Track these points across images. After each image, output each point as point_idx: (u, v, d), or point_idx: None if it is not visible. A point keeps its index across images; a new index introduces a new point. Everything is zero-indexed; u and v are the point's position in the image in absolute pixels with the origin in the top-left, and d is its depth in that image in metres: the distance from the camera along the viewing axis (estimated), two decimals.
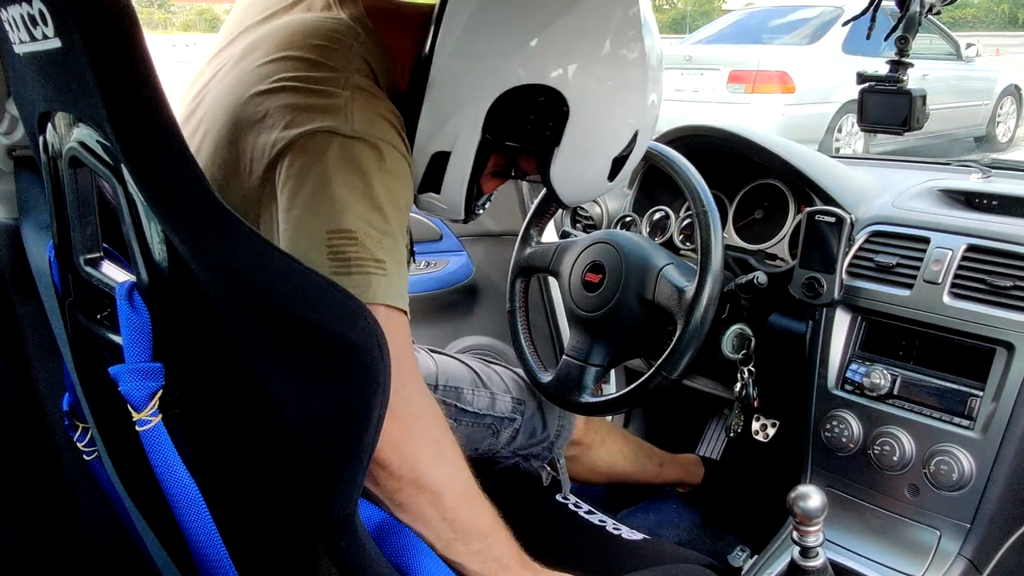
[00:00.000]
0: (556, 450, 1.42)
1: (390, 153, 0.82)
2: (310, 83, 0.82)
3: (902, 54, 1.21)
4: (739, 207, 1.66)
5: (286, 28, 0.89)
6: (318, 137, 0.78)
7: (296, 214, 0.76)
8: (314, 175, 0.77)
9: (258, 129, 0.80)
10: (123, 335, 0.65)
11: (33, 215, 0.97)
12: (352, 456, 0.67)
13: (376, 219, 0.78)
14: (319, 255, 0.74)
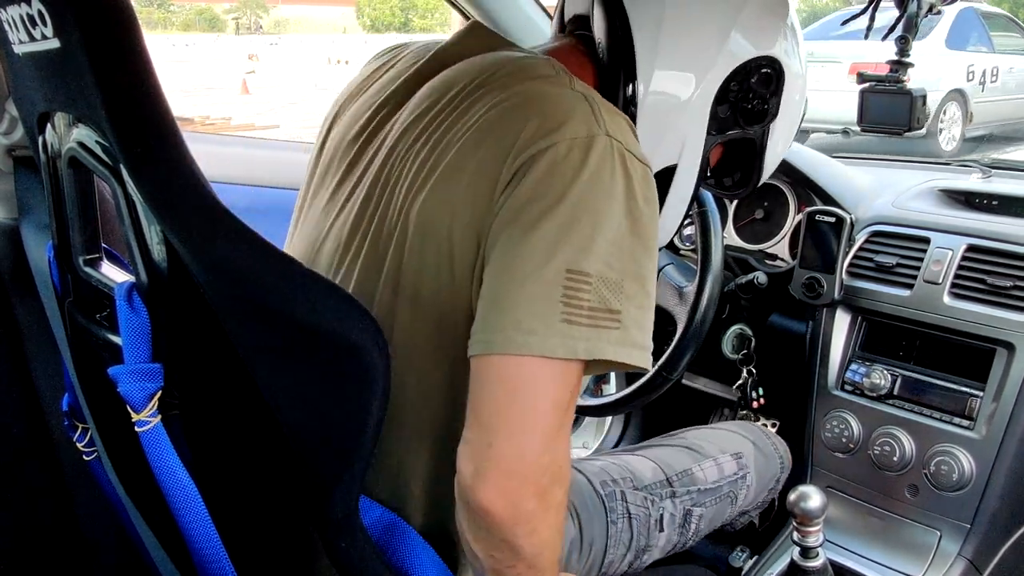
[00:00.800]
0: (782, 483, 1.27)
1: (644, 167, 0.71)
2: (536, 98, 0.71)
3: (902, 54, 1.21)
4: (739, 207, 1.66)
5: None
6: (578, 141, 0.67)
7: (540, 233, 0.64)
8: (571, 193, 0.65)
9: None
10: (122, 336, 0.65)
11: (33, 215, 0.98)
12: (351, 457, 0.67)
13: (629, 260, 0.67)
14: (551, 294, 0.63)
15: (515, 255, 0.65)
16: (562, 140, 0.66)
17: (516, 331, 0.63)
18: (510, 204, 0.66)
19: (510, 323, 0.63)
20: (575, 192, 0.65)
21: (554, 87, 0.73)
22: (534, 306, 0.63)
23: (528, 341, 0.62)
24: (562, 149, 0.66)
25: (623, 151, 0.68)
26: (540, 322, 0.63)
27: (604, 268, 0.65)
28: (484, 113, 0.71)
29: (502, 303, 0.64)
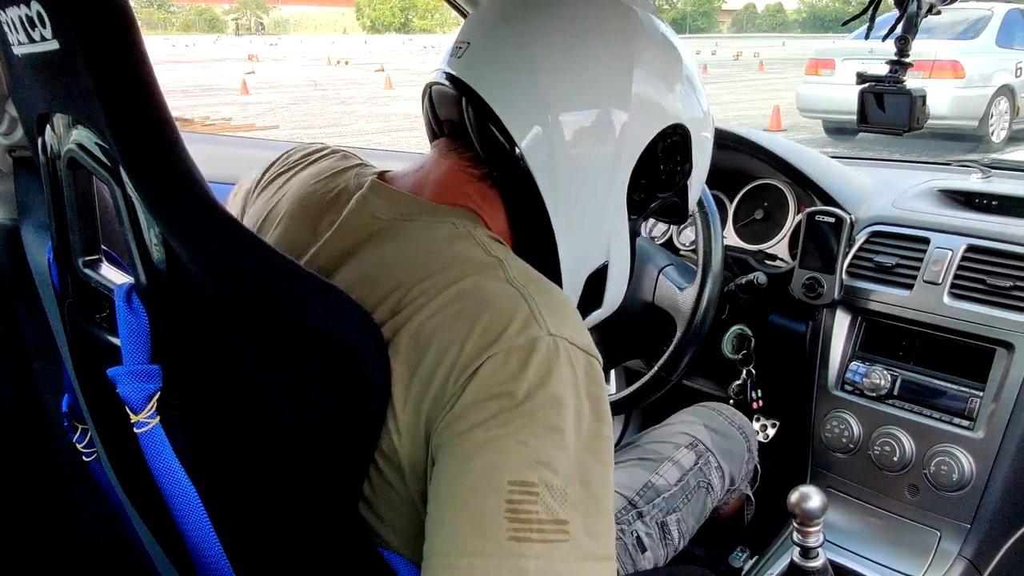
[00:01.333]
0: (754, 454, 1.29)
1: (589, 358, 0.66)
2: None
3: (902, 54, 1.21)
4: (739, 207, 1.66)
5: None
6: (516, 347, 0.62)
7: (478, 444, 0.60)
8: (511, 403, 0.60)
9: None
10: (121, 337, 0.65)
11: (32, 216, 0.98)
12: (351, 457, 0.67)
13: (576, 463, 0.61)
14: (494, 509, 0.58)
15: (455, 473, 0.60)
16: (500, 349, 0.62)
17: (460, 556, 0.57)
18: (450, 414, 0.61)
19: (454, 549, 0.58)
20: (517, 398, 0.61)
21: (490, 281, 0.67)
22: (477, 526, 0.58)
23: (472, 566, 0.57)
24: (501, 357, 0.62)
25: (566, 345, 0.64)
26: (485, 543, 0.57)
27: (548, 474, 0.59)
28: (428, 321, 0.65)
29: (444, 525, 0.59)
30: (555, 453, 0.60)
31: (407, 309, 0.66)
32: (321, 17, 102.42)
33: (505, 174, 0.76)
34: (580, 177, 0.77)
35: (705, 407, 1.34)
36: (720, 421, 1.29)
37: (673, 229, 1.69)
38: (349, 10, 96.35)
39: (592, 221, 0.79)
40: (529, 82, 0.74)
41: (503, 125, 0.74)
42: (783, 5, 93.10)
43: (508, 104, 0.74)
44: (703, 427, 1.25)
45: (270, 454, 0.69)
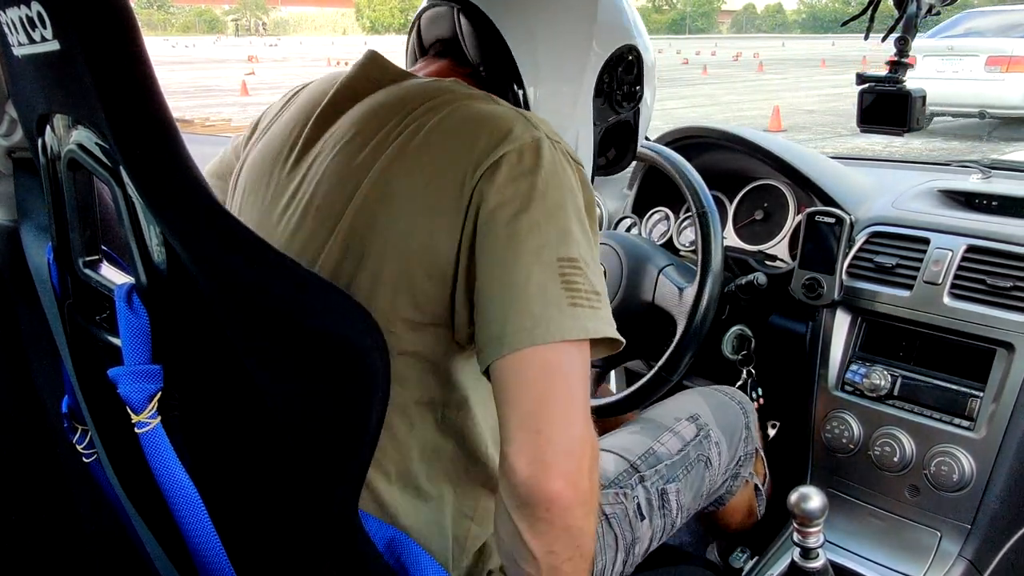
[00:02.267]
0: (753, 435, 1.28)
1: (578, 165, 0.77)
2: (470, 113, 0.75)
3: (901, 54, 1.21)
4: (739, 208, 1.67)
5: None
6: (526, 145, 0.71)
7: (524, 231, 0.68)
8: (537, 191, 0.70)
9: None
10: (122, 337, 0.65)
11: (32, 217, 0.97)
12: (352, 457, 0.67)
13: (590, 245, 0.72)
14: (554, 283, 0.67)
15: (506, 256, 0.68)
16: (513, 147, 0.71)
17: (535, 324, 0.67)
18: (483, 215, 0.70)
19: (527, 318, 0.67)
20: (540, 189, 0.70)
21: (484, 103, 0.77)
22: (543, 296, 0.67)
23: (549, 330, 0.66)
24: (514, 156, 0.71)
25: (564, 149, 0.74)
26: (553, 309, 0.67)
27: (584, 252, 0.70)
28: (428, 135, 0.74)
29: (510, 303, 0.67)
30: (581, 237, 0.71)
31: (411, 127, 0.75)
32: (321, 18, 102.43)
33: (494, 71, 0.88)
34: (557, 68, 0.90)
35: (709, 388, 1.33)
36: (721, 398, 1.29)
37: (673, 229, 1.69)
38: (349, 11, 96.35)
39: (566, 114, 0.91)
40: (519, 2, 0.87)
41: (496, 29, 0.86)
42: (783, 6, 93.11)
43: (502, 17, 0.86)
44: (704, 402, 1.26)
45: (270, 454, 0.69)
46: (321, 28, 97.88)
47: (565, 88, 0.91)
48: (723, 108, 12.63)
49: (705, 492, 1.18)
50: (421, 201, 0.72)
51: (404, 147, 0.74)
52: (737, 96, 14.47)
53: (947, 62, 8.31)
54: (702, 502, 1.19)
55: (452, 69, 0.89)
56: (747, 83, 17.45)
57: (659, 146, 1.40)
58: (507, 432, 0.67)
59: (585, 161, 0.94)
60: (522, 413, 0.66)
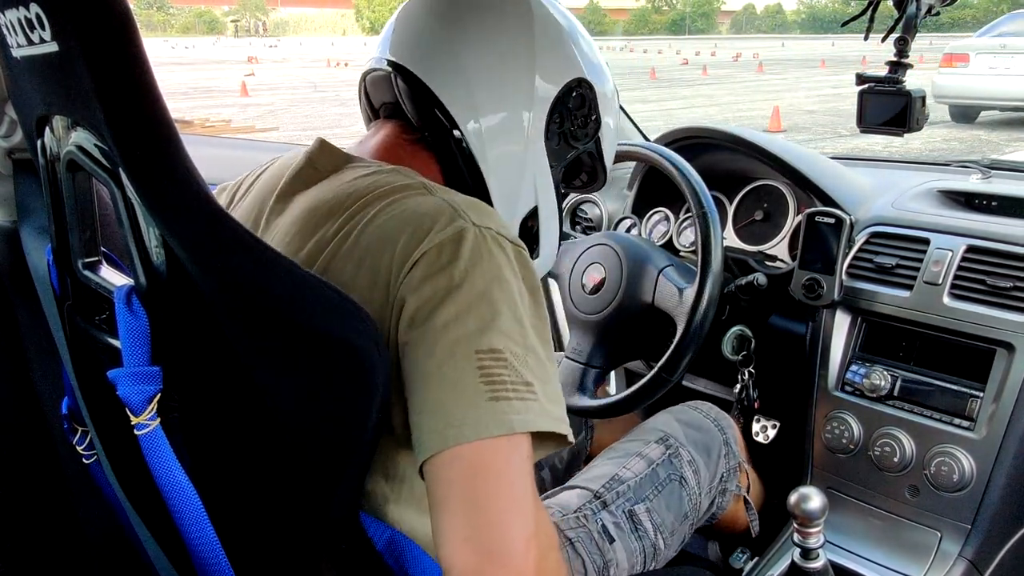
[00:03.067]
0: (734, 450, 1.27)
1: (517, 247, 0.74)
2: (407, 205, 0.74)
3: (901, 55, 1.21)
4: (739, 208, 1.67)
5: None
6: (447, 239, 0.69)
7: (438, 327, 0.66)
8: (454, 284, 0.67)
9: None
10: (121, 339, 0.65)
11: (32, 218, 0.97)
12: (352, 458, 0.67)
13: (524, 331, 0.69)
14: (470, 378, 0.64)
15: (423, 356, 0.66)
16: (432, 244, 0.69)
17: (449, 425, 0.63)
18: (404, 321, 0.67)
19: (442, 420, 0.64)
20: (456, 281, 0.67)
21: (414, 197, 0.75)
22: (458, 394, 0.64)
23: (462, 431, 0.63)
24: (434, 251, 0.68)
25: (492, 235, 0.71)
26: (469, 407, 0.63)
27: (509, 343, 0.66)
28: (358, 238, 0.73)
29: (428, 404, 0.65)
30: (510, 325, 0.67)
31: (343, 230, 0.74)
32: (320, 19, 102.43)
33: (437, 134, 0.86)
34: (502, 126, 0.87)
35: (683, 405, 1.34)
36: (693, 415, 1.29)
37: (673, 230, 1.69)
38: (348, 12, 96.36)
39: (517, 166, 0.89)
40: (452, 57, 0.85)
41: (435, 95, 0.84)
42: (782, 6, 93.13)
43: (436, 77, 0.85)
44: (675, 421, 1.27)
45: (270, 455, 0.69)
46: (321, 29, 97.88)
47: (511, 141, 0.88)
48: (723, 108, 12.63)
49: (688, 510, 1.19)
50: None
51: (336, 252, 0.73)
52: (737, 96, 14.47)
53: (999, 59, 9.00)
54: (690, 520, 1.19)
55: (399, 136, 0.88)
56: (747, 83, 17.45)
57: (659, 146, 1.40)
58: (438, 538, 0.63)
59: (547, 205, 0.93)
60: (450, 519, 0.62)
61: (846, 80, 14.97)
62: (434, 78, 0.84)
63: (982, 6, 38.78)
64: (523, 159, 0.89)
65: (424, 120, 0.86)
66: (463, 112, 0.84)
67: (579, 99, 0.91)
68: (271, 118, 11.44)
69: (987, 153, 8.01)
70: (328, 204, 0.78)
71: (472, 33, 0.86)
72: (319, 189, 0.82)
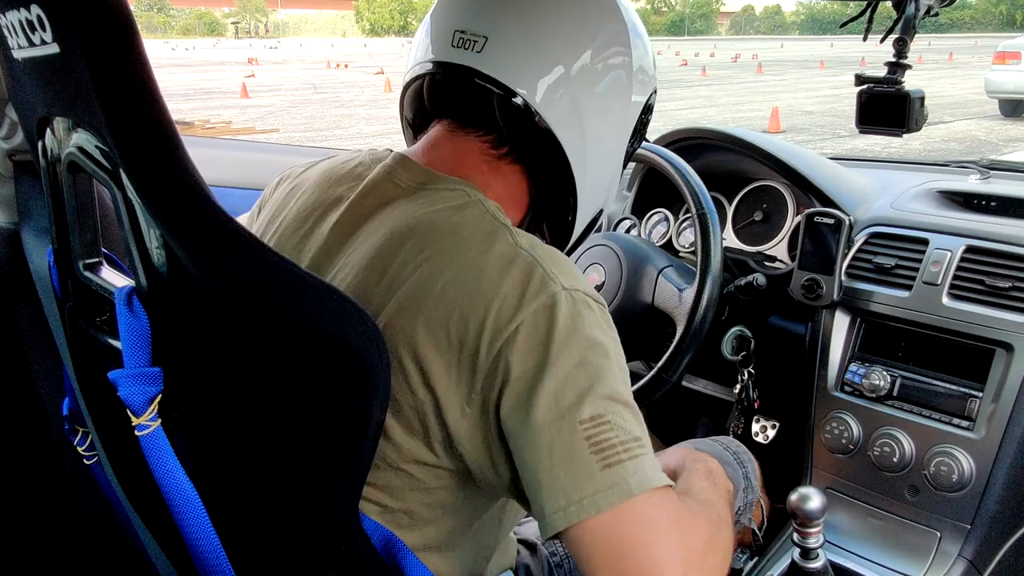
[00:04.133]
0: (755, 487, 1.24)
1: (600, 304, 0.73)
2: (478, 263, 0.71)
3: (900, 56, 1.21)
4: (738, 209, 1.67)
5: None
6: (540, 308, 0.68)
7: (538, 402, 0.66)
8: (551, 357, 0.67)
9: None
10: (122, 340, 0.65)
11: (33, 220, 0.98)
12: (352, 459, 0.67)
13: (621, 383, 0.69)
14: (580, 451, 0.65)
15: (531, 432, 0.66)
16: (528, 313, 0.68)
17: (570, 502, 0.64)
18: (509, 389, 0.67)
19: (563, 498, 0.65)
20: (555, 352, 0.67)
21: (500, 245, 0.73)
22: (571, 471, 0.65)
23: (584, 507, 0.64)
24: (529, 322, 0.68)
25: (582, 297, 0.71)
26: (585, 481, 0.64)
27: (610, 404, 0.67)
28: (439, 287, 0.70)
29: (544, 485, 0.65)
30: (609, 384, 0.67)
31: (421, 270, 0.72)
32: (320, 20, 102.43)
33: (533, 152, 0.83)
34: (600, 144, 0.86)
35: (705, 439, 1.33)
36: (715, 447, 1.28)
37: (673, 230, 1.69)
38: (348, 13, 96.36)
39: (606, 176, 0.90)
40: (557, 74, 0.81)
41: (534, 110, 0.80)
42: (781, 7, 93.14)
43: (539, 95, 0.81)
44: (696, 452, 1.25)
45: (271, 456, 0.70)
46: (321, 30, 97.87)
47: (608, 160, 0.88)
48: (722, 109, 12.63)
49: None
50: (434, 345, 0.69)
51: (417, 288, 0.71)
52: (736, 97, 14.47)
53: None
54: None
55: (482, 154, 0.84)
56: (746, 84, 17.46)
57: (658, 147, 1.40)
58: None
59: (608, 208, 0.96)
60: (603, 571, 0.64)
61: (845, 81, 14.96)
62: (545, 100, 0.81)
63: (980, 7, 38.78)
64: (613, 176, 0.91)
65: (518, 137, 0.83)
66: (567, 133, 0.82)
67: (650, 106, 0.93)
68: (271, 119, 11.44)
69: (986, 153, 8.01)
70: (405, 232, 0.75)
71: (572, 45, 0.83)
72: (398, 213, 0.78)
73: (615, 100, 0.86)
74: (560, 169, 0.84)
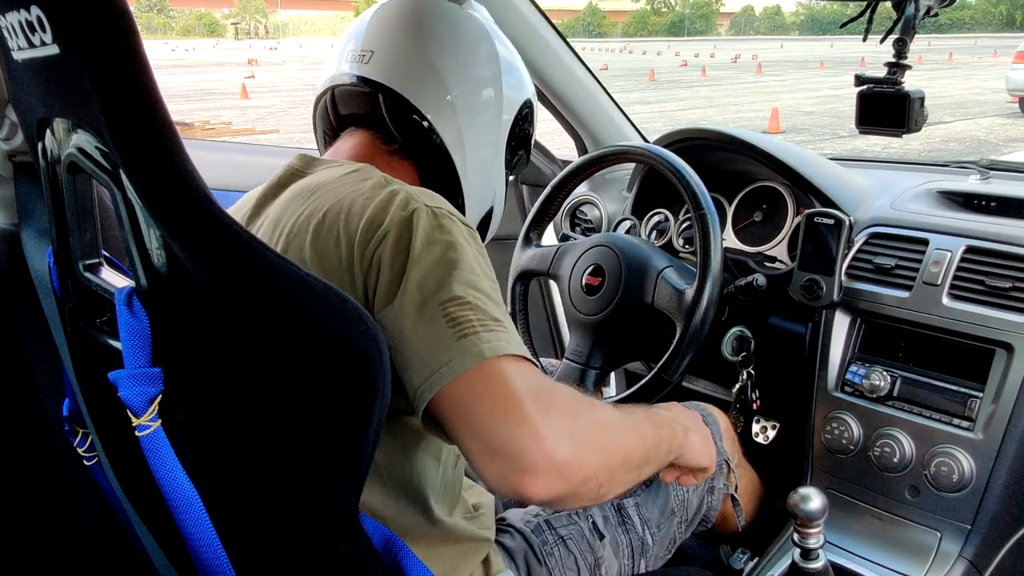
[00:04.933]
0: (723, 450, 1.29)
1: (468, 226, 0.83)
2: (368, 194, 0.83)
3: (900, 56, 1.21)
4: (738, 209, 1.67)
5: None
6: (404, 218, 0.78)
7: (404, 294, 0.74)
8: (414, 256, 0.76)
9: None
10: (122, 340, 0.65)
11: (33, 220, 0.98)
12: (352, 459, 0.67)
13: (479, 281, 0.77)
14: (438, 327, 0.72)
15: (397, 317, 0.73)
16: (392, 224, 0.77)
17: (431, 372, 0.70)
18: (380, 290, 0.75)
19: (425, 371, 0.71)
20: (417, 252, 0.75)
21: (374, 182, 0.84)
22: (432, 345, 0.71)
23: (443, 375, 0.70)
24: (394, 230, 0.77)
25: (441, 212, 0.80)
26: (442, 351, 0.71)
27: (470, 289, 0.75)
28: (320, 215, 0.82)
29: (411, 362, 0.72)
30: (468, 276, 0.76)
31: (308, 208, 0.84)
32: (320, 21, 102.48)
33: (419, 148, 0.99)
34: (479, 143, 1.02)
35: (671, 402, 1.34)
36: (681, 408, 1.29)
37: (673, 231, 1.69)
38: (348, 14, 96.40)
39: (487, 177, 1.05)
40: (434, 77, 0.97)
41: (419, 111, 0.96)
42: (781, 8, 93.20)
43: (421, 96, 0.97)
44: None
45: (271, 456, 0.70)
46: (320, 31, 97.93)
47: (487, 154, 1.03)
48: (722, 110, 12.64)
49: (675, 507, 1.19)
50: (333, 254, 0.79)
51: (304, 223, 0.83)
52: (736, 98, 14.49)
53: None
54: (678, 518, 1.20)
55: (375, 145, 0.99)
56: (745, 85, 17.47)
57: (658, 148, 1.40)
58: (469, 463, 0.71)
59: (500, 202, 1.10)
60: (466, 445, 0.70)
61: (845, 81, 14.98)
62: (424, 101, 0.96)
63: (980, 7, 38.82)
64: (492, 172, 1.05)
65: (403, 132, 0.98)
66: (449, 133, 0.98)
67: (526, 116, 1.08)
68: (271, 120, 11.44)
69: (985, 154, 8.02)
70: (305, 191, 0.88)
71: (449, 59, 0.99)
72: (300, 183, 0.92)
73: (486, 109, 1.02)
74: (444, 166, 0.99)
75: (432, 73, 0.97)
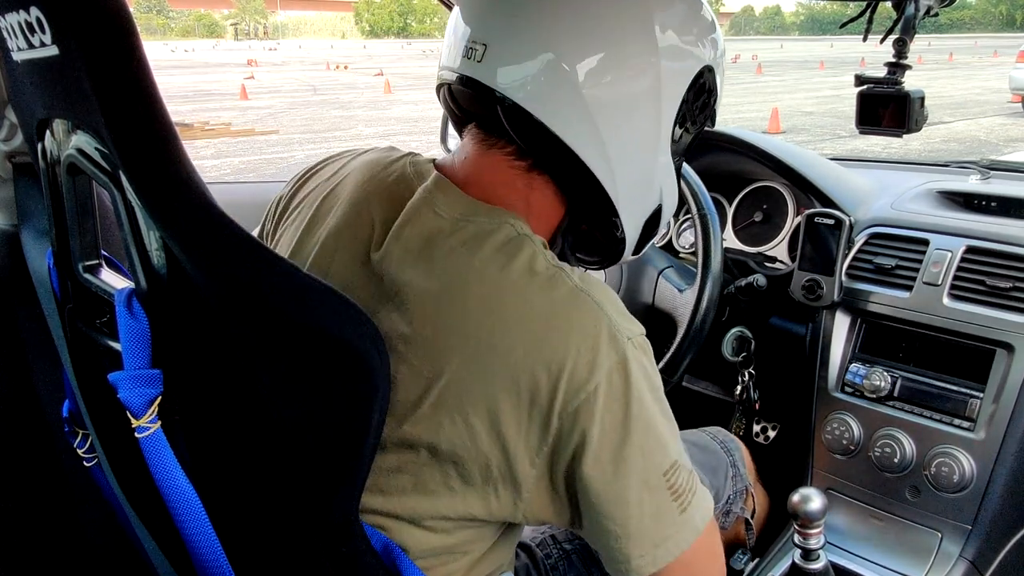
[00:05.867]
0: (742, 474, 1.28)
1: (645, 339, 0.75)
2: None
3: (900, 56, 1.21)
4: (738, 210, 1.67)
5: None
6: (615, 365, 0.69)
7: (627, 463, 0.70)
8: (632, 415, 0.70)
9: None
10: (122, 342, 0.65)
11: (33, 221, 0.98)
12: (352, 461, 0.67)
13: (668, 419, 0.74)
14: (663, 500, 0.72)
15: (621, 488, 0.70)
16: (603, 374, 0.69)
17: (656, 547, 0.72)
18: (591, 449, 0.69)
19: (648, 544, 0.72)
20: (635, 410, 0.70)
21: (559, 291, 0.71)
22: (656, 519, 0.72)
23: (669, 550, 0.72)
24: (605, 384, 0.69)
25: (639, 342, 0.73)
26: (667, 526, 0.72)
27: (673, 442, 0.74)
28: (506, 343, 0.69)
29: (632, 534, 0.72)
30: (667, 431, 0.73)
31: (483, 325, 0.70)
32: (320, 21, 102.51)
33: (552, 163, 0.79)
34: (625, 146, 0.78)
35: (692, 429, 1.33)
36: (700, 436, 1.28)
37: (673, 231, 1.69)
38: (348, 15, 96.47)
39: (644, 180, 0.82)
40: (560, 77, 0.74)
41: (541, 122, 0.75)
42: (781, 8, 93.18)
43: (543, 103, 0.74)
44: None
45: (271, 457, 0.69)
46: (320, 32, 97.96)
47: (639, 159, 0.80)
48: (721, 110, 12.56)
49: None
50: (508, 402, 0.69)
51: (482, 345, 0.70)
52: (736, 98, 14.47)
53: None
54: None
55: (510, 169, 0.80)
56: (745, 85, 17.46)
57: None
58: None
59: (670, 198, 0.86)
60: None
61: (845, 81, 14.97)
62: (543, 109, 0.74)
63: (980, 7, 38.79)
64: (651, 173, 0.82)
65: (535, 149, 0.78)
66: (583, 142, 0.76)
67: (702, 87, 0.82)
68: (271, 121, 11.45)
69: (986, 154, 8.02)
70: (460, 282, 0.73)
71: (581, 47, 0.75)
72: (445, 254, 0.75)
73: (639, 99, 0.78)
74: (584, 176, 0.78)
75: (557, 71, 0.74)
